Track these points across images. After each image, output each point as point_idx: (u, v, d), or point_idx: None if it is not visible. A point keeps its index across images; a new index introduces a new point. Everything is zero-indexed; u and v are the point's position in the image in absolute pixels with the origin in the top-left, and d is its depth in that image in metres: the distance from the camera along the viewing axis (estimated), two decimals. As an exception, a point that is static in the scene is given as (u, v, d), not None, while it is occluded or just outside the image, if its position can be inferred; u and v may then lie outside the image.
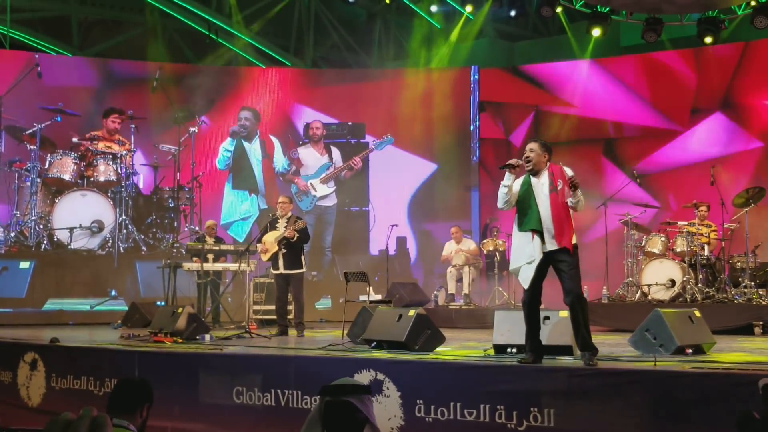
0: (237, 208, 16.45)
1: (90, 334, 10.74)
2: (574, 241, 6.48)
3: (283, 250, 10.38)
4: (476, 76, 17.11)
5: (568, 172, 6.56)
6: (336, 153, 16.55)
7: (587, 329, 6.39)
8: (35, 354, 8.67)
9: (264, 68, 18.05)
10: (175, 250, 13.09)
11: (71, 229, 13.50)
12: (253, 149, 16.55)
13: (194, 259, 12.35)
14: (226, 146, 16.45)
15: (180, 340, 8.96)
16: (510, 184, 6.56)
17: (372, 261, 15.52)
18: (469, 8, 15.80)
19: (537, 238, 6.40)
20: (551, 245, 6.39)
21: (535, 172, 6.56)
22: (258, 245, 10.72)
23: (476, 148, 16.96)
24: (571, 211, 6.48)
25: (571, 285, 6.40)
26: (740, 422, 2.40)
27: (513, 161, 6.60)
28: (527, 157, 6.56)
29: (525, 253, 6.47)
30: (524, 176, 6.61)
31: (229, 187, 16.50)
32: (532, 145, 6.62)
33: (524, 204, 6.51)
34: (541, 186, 6.50)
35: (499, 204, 6.67)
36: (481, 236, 15.54)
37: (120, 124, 14.82)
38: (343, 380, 3.53)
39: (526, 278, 6.47)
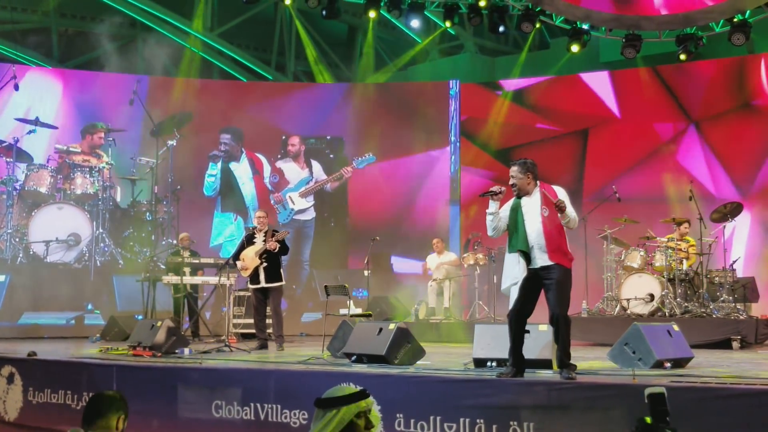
0: (222, 232, 16.39)
1: (68, 348, 10.66)
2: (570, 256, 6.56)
3: (264, 264, 10.37)
4: (456, 91, 17.15)
5: (559, 191, 6.58)
6: (317, 167, 16.52)
7: (566, 349, 6.41)
8: (12, 368, 8.59)
9: (245, 82, 18.05)
10: (152, 264, 13.01)
11: (47, 243, 13.40)
12: (242, 169, 16.47)
13: (170, 273, 12.27)
14: (210, 172, 16.34)
15: (159, 354, 8.91)
16: (495, 212, 6.54)
17: (350, 275, 15.42)
18: (448, 24, 15.88)
19: (522, 260, 6.43)
20: (542, 261, 6.41)
21: (523, 195, 6.54)
22: (238, 263, 10.65)
23: (456, 162, 16.96)
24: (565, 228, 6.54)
25: (555, 303, 6.43)
26: (636, 429, 2.45)
27: (495, 188, 6.56)
28: (512, 184, 6.55)
29: (512, 274, 6.54)
30: (513, 200, 6.58)
31: (217, 211, 16.43)
32: (513, 170, 6.58)
33: (512, 226, 6.51)
34: (532, 205, 6.48)
35: (489, 232, 6.65)
36: (463, 251, 15.54)
37: (103, 139, 14.80)
38: (342, 388, 3.53)
39: (513, 298, 6.54)
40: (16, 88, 14.31)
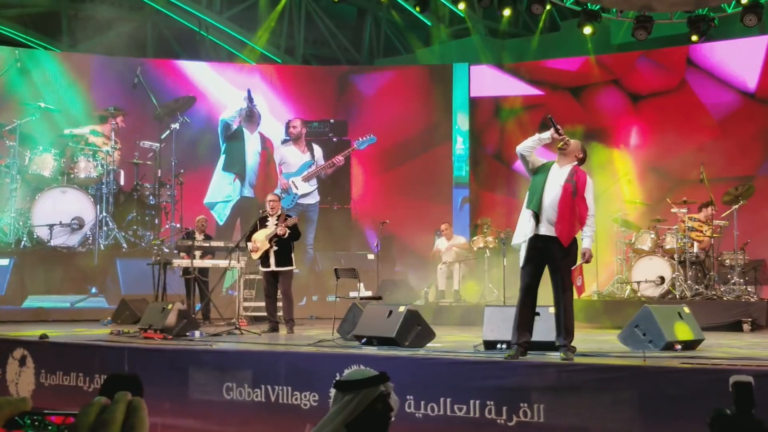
0: (221, 190, 16.30)
1: (79, 331, 10.70)
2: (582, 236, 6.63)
3: (275, 248, 10.38)
4: (463, 74, 17.04)
5: (589, 183, 6.64)
6: (318, 151, 16.46)
7: (569, 325, 6.47)
8: (24, 350, 8.64)
9: (253, 64, 18.00)
10: (156, 248, 13.01)
11: (51, 226, 13.42)
12: (253, 138, 16.46)
13: (182, 255, 12.29)
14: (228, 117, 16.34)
15: (170, 337, 8.94)
16: (543, 140, 6.62)
17: (354, 258, 15.35)
18: (462, 5, 15.79)
19: (533, 219, 6.52)
20: (545, 230, 6.49)
21: (560, 159, 6.65)
22: (248, 244, 10.67)
23: (465, 146, 16.87)
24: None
25: (558, 279, 6.48)
26: (713, 420, 2.35)
27: (560, 128, 6.63)
28: (566, 142, 6.62)
29: (524, 231, 6.62)
30: (548, 161, 6.73)
31: (220, 168, 16.32)
32: (576, 141, 6.75)
33: (536, 184, 6.62)
34: (560, 175, 6.57)
35: (521, 147, 6.67)
36: (472, 235, 15.49)
37: (113, 124, 14.81)
38: (361, 371, 3.53)
39: (522, 256, 6.62)
40: (21, 72, 14.32)
